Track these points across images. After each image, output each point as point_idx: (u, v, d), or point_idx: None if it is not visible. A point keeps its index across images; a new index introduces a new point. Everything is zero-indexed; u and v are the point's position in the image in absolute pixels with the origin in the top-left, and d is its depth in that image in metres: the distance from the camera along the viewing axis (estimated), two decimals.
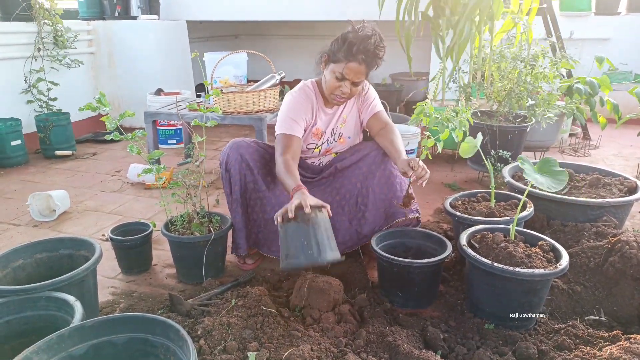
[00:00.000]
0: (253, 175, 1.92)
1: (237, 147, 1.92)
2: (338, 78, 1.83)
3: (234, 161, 1.90)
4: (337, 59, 1.80)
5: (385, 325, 1.57)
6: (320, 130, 2.02)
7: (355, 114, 2.06)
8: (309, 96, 1.96)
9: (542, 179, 1.63)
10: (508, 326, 1.55)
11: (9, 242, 2.32)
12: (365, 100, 2.05)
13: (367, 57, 1.77)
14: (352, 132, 2.08)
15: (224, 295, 1.73)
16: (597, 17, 4.57)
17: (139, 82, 4.53)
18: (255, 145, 1.96)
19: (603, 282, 1.66)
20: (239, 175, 1.91)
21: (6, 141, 3.44)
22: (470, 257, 1.57)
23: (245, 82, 3.43)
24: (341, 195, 1.97)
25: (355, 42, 1.75)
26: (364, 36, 1.76)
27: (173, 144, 4.09)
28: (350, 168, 1.98)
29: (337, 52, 1.80)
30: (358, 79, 1.82)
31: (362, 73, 1.81)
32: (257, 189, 1.94)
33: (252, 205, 1.97)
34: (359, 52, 1.75)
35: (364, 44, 1.75)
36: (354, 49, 1.75)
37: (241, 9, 4.75)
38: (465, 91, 3.31)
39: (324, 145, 2.06)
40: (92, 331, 1.19)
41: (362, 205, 1.95)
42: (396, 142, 1.91)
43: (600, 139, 3.88)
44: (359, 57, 1.76)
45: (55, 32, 3.97)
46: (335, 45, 1.82)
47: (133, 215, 2.64)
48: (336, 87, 1.85)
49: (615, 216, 2.01)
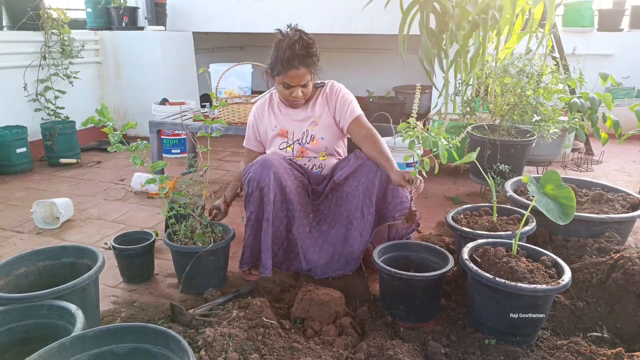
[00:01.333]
0: (284, 194, 1.93)
1: (270, 165, 1.90)
2: (286, 87, 1.95)
3: (268, 180, 1.88)
4: (278, 72, 1.92)
5: (386, 339, 1.56)
6: (285, 130, 2.09)
7: (327, 117, 2.07)
8: (262, 107, 2.17)
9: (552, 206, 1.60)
10: (510, 342, 1.54)
11: (12, 249, 2.32)
12: (340, 105, 2.05)
13: (301, 60, 1.87)
14: (326, 134, 2.07)
15: (225, 306, 1.73)
16: (599, 33, 4.61)
17: (144, 91, 4.57)
18: (285, 164, 1.98)
19: (606, 298, 1.65)
20: (272, 195, 1.89)
21: (12, 149, 3.46)
22: (472, 271, 1.57)
23: (249, 93, 3.46)
24: (348, 211, 1.98)
25: (284, 51, 1.86)
26: (290, 43, 1.86)
27: (177, 154, 4.11)
28: (348, 181, 1.98)
29: (275, 65, 1.91)
30: (303, 81, 1.93)
31: (305, 74, 1.91)
32: (289, 208, 1.96)
33: (277, 224, 1.96)
34: (291, 59, 1.86)
35: (292, 50, 1.85)
36: (283, 56, 1.86)
37: (246, 22, 4.81)
38: (469, 105, 3.33)
39: (295, 145, 2.09)
40: (94, 341, 1.19)
41: (369, 216, 1.97)
42: (385, 151, 1.94)
43: (603, 155, 3.88)
44: (294, 64, 1.87)
45: (63, 42, 4.02)
46: (270, 59, 1.94)
47: (136, 223, 2.64)
48: (289, 94, 1.97)
49: (618, 232, 2.01)
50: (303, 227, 1.99)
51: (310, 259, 1.99)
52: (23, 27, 3.80)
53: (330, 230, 2.01)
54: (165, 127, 3.30)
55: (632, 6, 4.64)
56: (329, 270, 2.00)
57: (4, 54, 3.66)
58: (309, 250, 1.99)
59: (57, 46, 4.01)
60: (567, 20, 4.61)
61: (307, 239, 2.00)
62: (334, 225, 2.01)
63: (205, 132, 1.98)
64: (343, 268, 2.00)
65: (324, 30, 4.67)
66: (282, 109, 2.12)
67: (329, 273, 2.00)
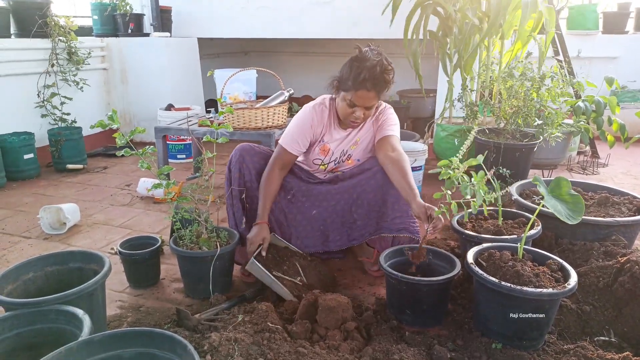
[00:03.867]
0: (250, 174, 2.03)
1: (240, 149, 2.07)
2: (350, 105, 1.87)
3: (235, 161, 2.05)
4: (347, 87, 1.84)
5: (392, 343, 1.56)
6: (328, 148, 2.06)
7: (369, 136, 2.07)
8: (323, 114, 2.01)
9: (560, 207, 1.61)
10: (516, 346, 1.54)
11: (19, 254, 2.34)
12: (384, 121, 2.03)
13: (376, 84, 1.80)
14: (362, 155, 2.09)
15: (230, 311, 1.74)
16: (604, 36, 4.59)
17: (150, 97, 4.60)
18: (258, 149, 2.09)
19: (613, 302, 1.64)
20: (238, 173, 2.03)
21: (19, 155, 3.50)
22: (478, 275, 1.56)
23: (254, 99, 3.48)
24: (336, 200, 2.04)
25: (361, 70, 1.78)
26: (370, 64, 1.78)
27: (182, 159, 4.13)
28: (350, 179, 2.03)
29: (346, 80, 1.84)
30: (369, 104, 1.86)
31: (373, 98, 1.84)
32: (253, 187, 2.04)
33: (250, 202, 2.05)
34: (366, 80, 1.78)
35: (370, 71, 1.77)
36: (360, 77, 1.78)
37: (251, 27, 4.84)
38: (472, 109, 3.33)
39: (330, 164, 2.10)
40: (101, 345, 1.20)
41: (355, 214, 2.03)
42: (410, 179, 1.85)
43: (609, 157, 3.86)
44: (367, 85, 1.79)
45: (70, 49, 4.06)
46: (343, 73, 1.86)
47: (142, 229, 2.66)
48: (349, 113, 1.90)
49: (624, 235, 2.00)
50: (276, 204, 2.06)
51: (285, 233, 2.08)
52: (31, 34, 3.84)
53: (311, 210, 2.06)
54: (170, 133, 3.32)
55: (637, 9, 4.62)
56: (302, 246, 2.07)
57: (12, 61, 3.70)
58: (284, 226, 2.08)
59: (64, 53, 4.05)
60: (571, 23, 4.60)
61: (281, 215, 2.07)
62: (317, 207, 2.06)
63: (210, 137, 1.99)
64: (317, 246, 2.08)
65: (328, 35, 4.69)
66: (334, 124, 2.04)
67: (303, 249, 2.06)
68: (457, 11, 3.24)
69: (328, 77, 1.97)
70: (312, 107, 2.03)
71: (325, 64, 6.01)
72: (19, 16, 3.85)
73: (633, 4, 4.62)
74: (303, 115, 2.03)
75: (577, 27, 4.55)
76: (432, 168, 2.10)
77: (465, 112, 3.42)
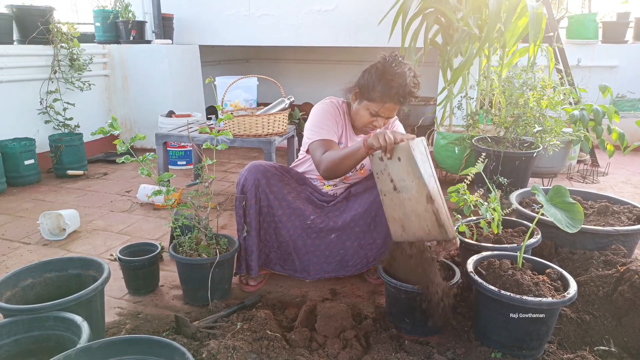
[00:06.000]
0: (268, 199, 1.93)
1: (256, 171, 1.91)
2: (372, 114, 1.84)
3: (251, 185, 1.90)
4: (373, 98, 1.80)
5: (391, 352, 1.55)
6: None
7: None
8: (340, 114, 1.96)
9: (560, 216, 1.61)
10: (516, 355, 1.53)
11: (18, 260, 2.34)
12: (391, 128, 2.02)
13: (404, 97, 1.77)
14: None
15: (229, 318, 1.73)
16: (604, 45, 4.62)
17: (151, 104, 4.62)
18: (273, 170, 1.95)
19: (612, 311, 1.64)
20: (254, 199, 1.91)
21: (20, 160, 3.50)
22: (477, 284, 1.56)
23: (255, 106, 3.49)
24: (354, 221, 1.97)
25: (393, 84, 1.74)
26: (402, 80, 1.74)
27: (183, 165, 4.14)
28: (365, 194, 1.97)
29: (372, 90, 1.78)
30: (393, 115, 1.87)
31: (396, 109, 1.84)
32: (271, 213, 1.96)
33: (266, 227, 1.99)
34: (398, 95, 1.75)
35: (402, 87, 1.74)
36: (392, 91, 1.74)
37: (252, 35, 4.87)
38: (472, 118, 3.34)
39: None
40: (99, 352, 1.19)
41: (375, 232, 1.97)
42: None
43: (609, 166, 3.86)
44: (398, 99, 1.77)
45: (72, 55, 4.08)
46: (369, 82, 1.79)
47: (142, 235, 2.66)
48: (370, 122, 1.87)
49: (624, 245, 2.00)
50: (295, 229, 1.98)
51: (303, 259, 2.02)
52: (33, 41, 3.86)
53: (330, 235, 2.01)
54: (171, 140, 3.33)
55: (636, 18, 4.65)
56: (321, 272, 2.03)
57: (15, 67, 3.72)
58: (303, 252, 2.01)
59: (66, 60, 4.07)
60: (571, 32, 4.62)
61: (300, 240, 2.00)
62: (336, 231, 2.00)
63: (211, 144, 1.99)
64: (336, 271, 2.03)
65: (329, 43, 4.71)
66: (348, 128, 2.01)
67: (321, 274, 2.02)
68: (459, 20, 3.26)
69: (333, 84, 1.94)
70: (330, 102, 1.95)
71: (326, 72, 6.04)
72: (21, 23, 3.87)
73: (632, 13, 4.65)
74: (322, 108, 1.94)
75: (577, 36, 4.57)
76: None
77: (466, 121, 3.43)
